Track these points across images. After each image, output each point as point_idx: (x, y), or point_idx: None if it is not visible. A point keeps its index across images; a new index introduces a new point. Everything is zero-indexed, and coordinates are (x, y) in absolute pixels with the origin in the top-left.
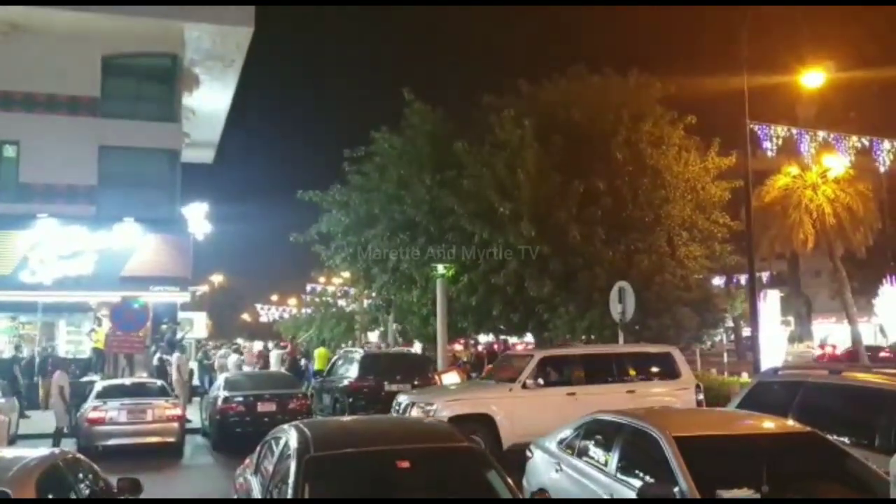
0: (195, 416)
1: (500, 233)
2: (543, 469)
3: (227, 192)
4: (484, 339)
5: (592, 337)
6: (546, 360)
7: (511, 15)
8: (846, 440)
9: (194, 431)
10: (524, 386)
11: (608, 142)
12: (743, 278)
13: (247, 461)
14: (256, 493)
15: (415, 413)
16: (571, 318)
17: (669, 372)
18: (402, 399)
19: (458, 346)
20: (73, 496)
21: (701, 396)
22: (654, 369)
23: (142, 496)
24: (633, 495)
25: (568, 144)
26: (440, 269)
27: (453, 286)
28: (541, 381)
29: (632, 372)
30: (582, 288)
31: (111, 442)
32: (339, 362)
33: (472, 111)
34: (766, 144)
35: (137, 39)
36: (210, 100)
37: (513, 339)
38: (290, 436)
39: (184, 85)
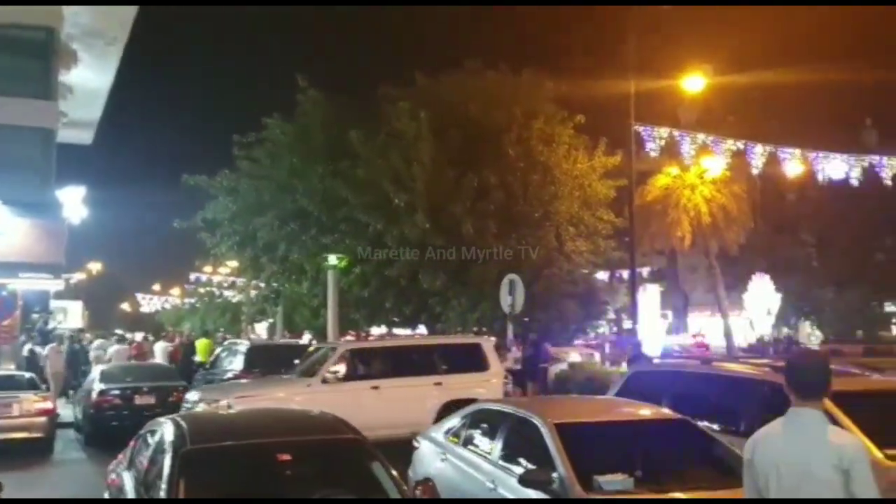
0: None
1: (394, 225)
2: (429, 459)
3: (107, 175)
4: (376, 331)
5: (483, 329)
6: (349, 353)
7: (410, 7)
8: (715, 426)
9: (68, 426)
10: (324, 380)
11: (501, 137)
12: (625, 273)
13: (120, 456)
14: (129, 490)
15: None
16: (463, 310)
17: (478, 363)
18: (191, 396)
19: (349, 339)
20: None
21: (510, 387)
22: (463, 361)
23: (3, 496)
24: (514, 482)
25: (463, 138)
26: (332, 259)
27: (345, 278)
28: (342, 374)
29: (440, 364)
30: (474, 281)
31: None
32: (224, 354)
33: (369, 101)
34: (650, 145)
35: (9, 10)
36: (90, 78)
37: (406, 332)
38: (165, 429)
39: (61, 61)
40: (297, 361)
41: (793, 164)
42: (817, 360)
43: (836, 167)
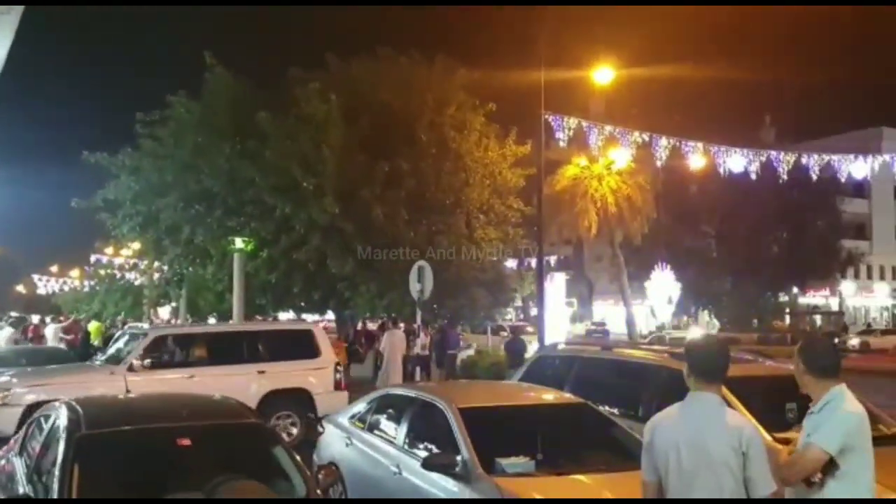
0: None
1: (302, 208)
2: (334, 443)
3: (3, 150)
4: (284, 316)
5: (393, 315)
6: (162, 339)
7: None
8: (616, 411)
9: None
10: (131, 368)
11: (413, 124)
12: (533, 261)
13: (11, 442)
14: (20, 477)
15: None
16: (372, 296)
17: (308, 351)
18: None
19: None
20: None
21: (339, 376)
22: (292, 348)
23: None
24: (419, 466)
25: (374, 124)
26: (238, 243)
27: (252, 261)
28: (152, 362)
29: (265, 351)
30: (384, 267)
31: None
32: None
33: (278, 83)
34: (559, 135)
35: None
36: None
37: (314, 317)
38: (59, 413)
39: None
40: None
41: (695, 157)
42: (718, 346)
43: (736, 161)
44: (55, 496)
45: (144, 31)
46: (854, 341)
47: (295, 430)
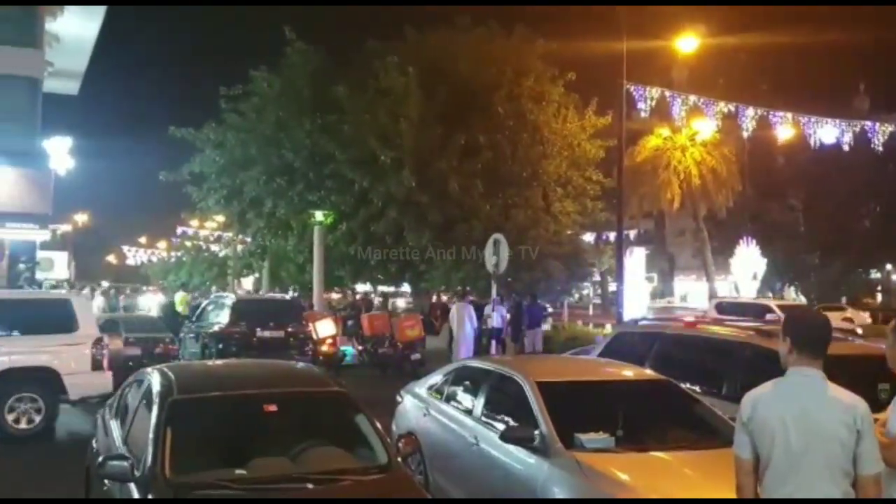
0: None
1: (380, 181)
2: (412, 413)
3: (94, 126)
4: (361, 288)
5: (468, 288)
6: None
7: None
8: (697, 388)
9: None
10: None
11: (491, 95)
12: (612, 235)
13: (107, 404)
14: (117, 437)
15: None
16: (447, 269)
17: (63, 324)
18: None
19: (334, 295)
20: None
21: (106, 352)
22: (42, 321)
23: None
24: (496, 438)
25: (451, 95)
26: (318, 216)
27: (331, 234)
28: None
29: (5, 323)
30: (459, 239)
31: None
32: (210, 307)
33: (357, 55)
34: (641, 105)
35: None
36: (76, 27)
37: (390, 289)
38: (153, 379)
39: (46, 9)
40: None
41: (784, 128)
42: (822, 319)
43: (828, 132)
44: (149, 458)
45: (227, 6)
46: None
47: (38, 418)
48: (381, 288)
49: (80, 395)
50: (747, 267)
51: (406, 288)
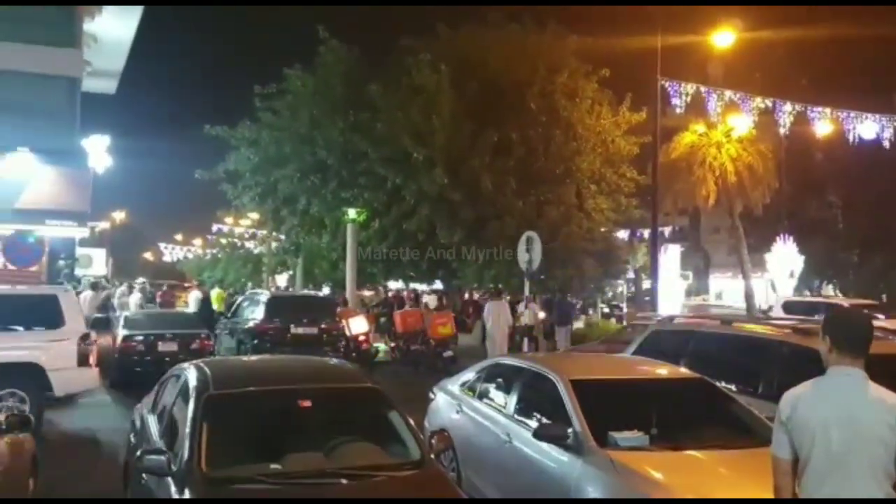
0: None
1: (413, 179)
2: (445, 410)
3: (131, 124)
4: (394, 285)
5: (500, 286)
6: None
7: None
8: (733, 387)
9: None
10: None
11: (523, 92)
12: (646, 232)
13: (145, 399)
14: (154, 432)
15: None
16: (480, 266)
17: (48, 320)
18: None
19: (366, 292)
20: None
21: (93, 348)
22: (27, 316)
23: (32, 434)
24: (529, 435)
25: (483, 92)
26: (351, 213)
27: (364, 231)
28: None
29: None
30: (491, 236)
31: None
32: (245, 304)
33: (390, 53)
34: (676, 101)
35: None
36: (114, 27)
37: (422, 287)
38: (189, 374)
39: (84, 9)
40: None
41: (822, 124)
42: (864, 318)
43: (868, 128)
44: (186, 451)
45: (261, 6)
46: None
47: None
48: (413, 285)
49: (65, 391)
50: (784, 264)
51: (438, 285)
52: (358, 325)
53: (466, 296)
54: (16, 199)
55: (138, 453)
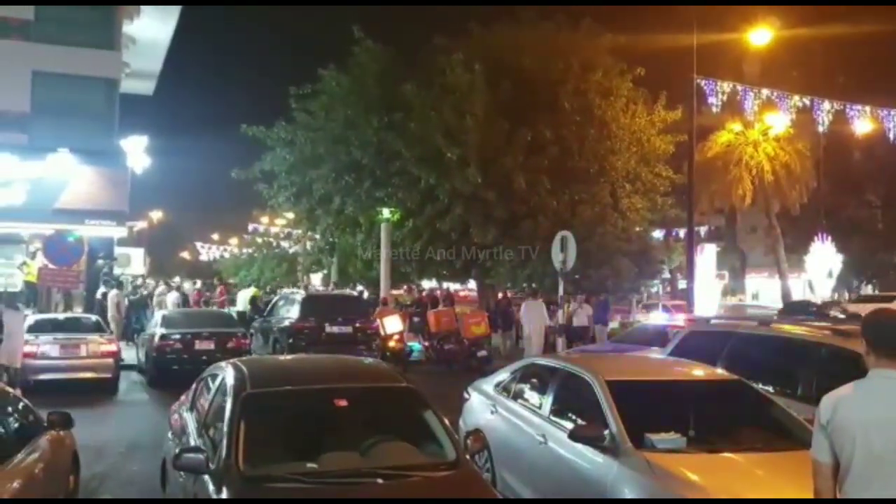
0: (130, 353)
1: (446, 178)
2: (479, 410)
3: (168, 125)
4: (427, 284)
5: (533, 285)
6: None
7: None
8: (771, 389)
9: (129, 368)
10: None
11: (557, 90)
12: (682, 231)
13: (182, 398)
14: (192, 430)
15: None
16: (513, 265)
17: None
18: None
19: (400, 291)
20: None
21: None
22: None
23: (74, 431)
24: (564, 436)
25: (516, 90)
26: (385, 213)
27: (398, 231)
28: None
29: None
30: (525, 236)
31: (43, 377)
32: (280, 303)
33: (423, 52)
34: (712, 100)
35: None
36: (151, 29)
37: (455, 286)
38: (226, 373)
39: (123, 12)
40: None
41: (861, 122)
42: None
43: None
44: (224, 450)
45: (297, 6)
46: None
47: None
48: (447, 284)
49: None
50: (822, 264)
51: (472, 285)
52: (392, 325)
53: (500, 295)
54: (56, 199)
55: (176, 451)
